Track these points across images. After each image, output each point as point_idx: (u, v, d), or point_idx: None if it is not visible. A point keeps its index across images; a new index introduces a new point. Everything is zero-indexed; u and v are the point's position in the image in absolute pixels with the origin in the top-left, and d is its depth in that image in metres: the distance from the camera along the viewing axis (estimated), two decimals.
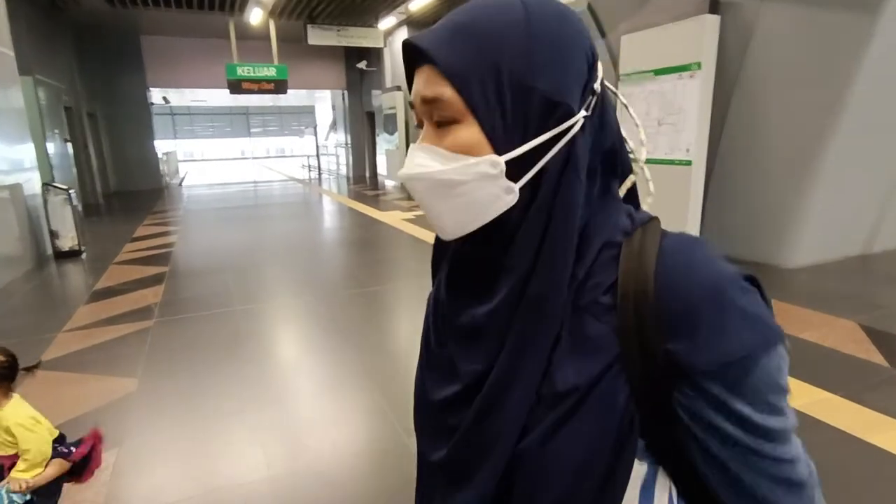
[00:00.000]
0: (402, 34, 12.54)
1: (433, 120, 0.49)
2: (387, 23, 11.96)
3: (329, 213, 10.38)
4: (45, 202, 6.07)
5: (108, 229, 8.18)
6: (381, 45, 12.63)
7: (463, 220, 0.49)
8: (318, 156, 19.04)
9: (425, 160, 0.49)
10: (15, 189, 5.63)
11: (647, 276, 0.46)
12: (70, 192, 6.23)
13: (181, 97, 23.37)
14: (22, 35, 6.92)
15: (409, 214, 8.71)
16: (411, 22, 12.05)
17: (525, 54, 0.46)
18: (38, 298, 4.88)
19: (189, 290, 4.92)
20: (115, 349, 3.48)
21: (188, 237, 7.69)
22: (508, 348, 0.49)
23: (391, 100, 12.91)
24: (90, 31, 12.30)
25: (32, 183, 6.14)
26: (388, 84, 13.59)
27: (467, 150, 0.47)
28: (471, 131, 0.47)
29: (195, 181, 18.11)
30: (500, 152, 0.47)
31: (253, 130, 35.17)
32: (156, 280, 5.14)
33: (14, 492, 1.45)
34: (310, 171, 19.06)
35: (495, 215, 0.48)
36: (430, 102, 0.48)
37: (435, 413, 0.57)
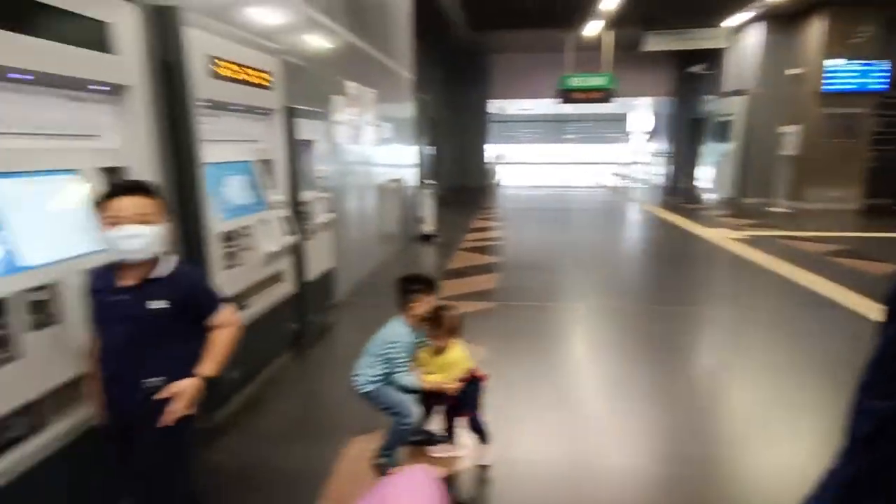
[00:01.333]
0: (757, 30, 11.09)
1: None
2: (735, 20, 10.81)
3: (643, 223, 10.10)
4: (418, 193, 7.62)
5: (452, 219, 9.70)
6: (723, 45, 11.56)
7: None
8: (631, 164, 18.68)
9: None
10: (400, 182, 7.23)
11: None
12: (435, 186, 7.68)
13: (510, 106, 26.13)
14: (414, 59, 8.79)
15: (740, 234, 7.75)
16: (771, 15, 10.52)
17: None
18: (412, 270, 6.18)
19: (516, 280, 5.48)
20: (471, 321, 4.14)
21: (510, 233, 8.57)
22: None
23: (729, 105, 11.69)
24: (453, 52, 14.79)
25: (410, 177, 7.78)
26: (726, 87, 12.31)
27: None
28: None
29: (510, 182, 19.99)
30: None
31: (565, 137, 36.74)
32: (488, 269, 5.88)
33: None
34: (622, 179, 18.82)
35: None
36: None
37: None
